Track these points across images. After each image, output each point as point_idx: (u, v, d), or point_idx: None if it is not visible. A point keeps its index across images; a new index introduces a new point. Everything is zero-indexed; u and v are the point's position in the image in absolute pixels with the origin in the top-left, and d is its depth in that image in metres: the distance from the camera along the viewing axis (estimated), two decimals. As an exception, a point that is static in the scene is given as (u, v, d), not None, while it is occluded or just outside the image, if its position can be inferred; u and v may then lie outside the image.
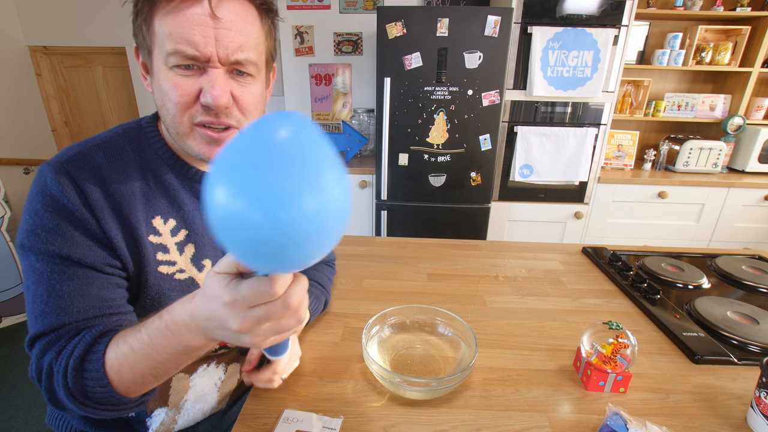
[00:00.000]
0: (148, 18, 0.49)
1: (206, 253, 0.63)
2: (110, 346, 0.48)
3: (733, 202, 2.26)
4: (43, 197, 0.51)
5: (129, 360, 0.46)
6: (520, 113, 2.13)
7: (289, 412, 0.58)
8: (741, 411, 0.61)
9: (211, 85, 0.50)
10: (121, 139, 0.58)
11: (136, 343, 0.46)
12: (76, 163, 0.53)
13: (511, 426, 0.57)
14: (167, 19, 0.48)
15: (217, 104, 0.50)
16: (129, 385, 0.48)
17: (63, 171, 0.51)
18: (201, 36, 0.48)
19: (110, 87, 2.79)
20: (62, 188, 0.50)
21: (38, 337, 0.50)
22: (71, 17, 2.57)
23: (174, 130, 0.54)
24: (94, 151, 0.55)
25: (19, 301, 2.23)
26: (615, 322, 0.64)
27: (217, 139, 0.54)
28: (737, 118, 2.36)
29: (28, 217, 0.51)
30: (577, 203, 2.28)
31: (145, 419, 0.66)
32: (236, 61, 0.51)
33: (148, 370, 0.47)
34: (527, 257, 1.14)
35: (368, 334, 0.68)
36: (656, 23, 2.41)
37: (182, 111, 0.52)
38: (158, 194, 0.58)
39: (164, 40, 0.49)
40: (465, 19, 1.86)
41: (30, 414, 1.62)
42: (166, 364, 0.47)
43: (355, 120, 2.60)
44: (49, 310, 0.50)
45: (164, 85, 0.51)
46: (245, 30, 0.51)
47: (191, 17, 0.47)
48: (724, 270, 1.04)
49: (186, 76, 0.50)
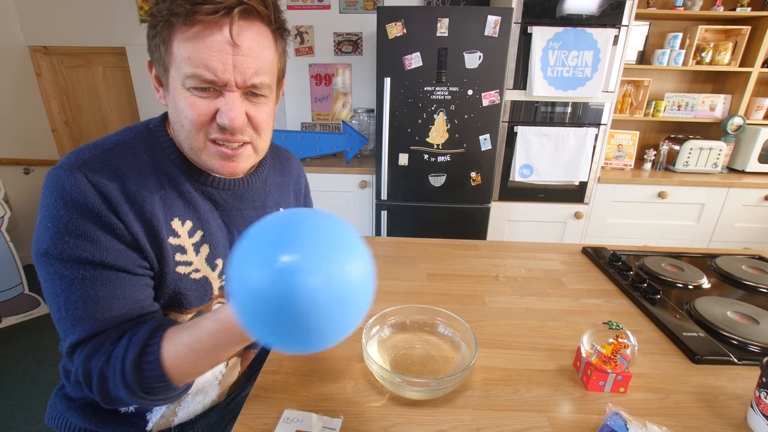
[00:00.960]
0: (167, 40, 0.50)
1: (219, 253, 0.65)
2: (165, 346, 0.50)
3: (733, 202, 2.26)
4: (64, 203, 0.50)
5: (189, 359, 0.50)
6: (520, 113, 2.13)
7: (289, 412, 0.58)
8: (741, 411, 0.61)
9: (228, 108, 0.52)
10: (133, 142, 0.58)
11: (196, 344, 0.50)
12: (93, 166, 0.52)
13: (511, 426, 0.57)
14: (187, 44, 0.49)
15: (233, 126, 0.53)
16: (186, 377, 0.52)
17: (82, 175, 0.51)
18: (220, 63, 0.49)
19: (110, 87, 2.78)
20: (84, 192, 0.50)
21: (80, 343, 0.51)
22: (71, 17, 2.57)
23: (188, 145, 0.56)
24: (109, 154, 0.55)
25: (19, 301, 2.23)
26: (615, 322, 0.64)
27: (232, 155, 0.56)
28: (737, 118, 2.36)
29: (51, 225, 0.50)
30: (577, 203, 2.28)
31: (145, 413, 0.66)
32: (252, 85, 0.53)
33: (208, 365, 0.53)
34: (527, 257, 1.14)
35: (368, 334, 0.68)
36: (656, 23, 2.41)
37: (198, 129, 0.54)
38: (174, 196, 0.60)
39: (183, 63, 0.50)
40: (465, 19, 1.86)
41: (30, 414, 1.62)
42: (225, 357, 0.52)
43: (355, 120, 2.60)
44: (86, 317, 0.51)
45: (181, 104, 0.53)
46: (261, 55, 0.53)
47: (211, 44, 0.48)
48: (724, 270, 1.04)
49: (203, 98, 0.52)
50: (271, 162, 0.77)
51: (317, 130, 2.70)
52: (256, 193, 0.71)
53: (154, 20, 0.51)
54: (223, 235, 0.65)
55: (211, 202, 0.64)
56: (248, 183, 0.69)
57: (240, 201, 0.68)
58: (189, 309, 0.63)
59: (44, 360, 1.95)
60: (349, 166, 2.31)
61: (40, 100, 2.74)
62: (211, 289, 0.65)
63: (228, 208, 0.66)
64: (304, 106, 2.70)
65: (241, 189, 0.68)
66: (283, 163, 0.81)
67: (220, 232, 0.65)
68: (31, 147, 2.71)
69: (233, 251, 0.39)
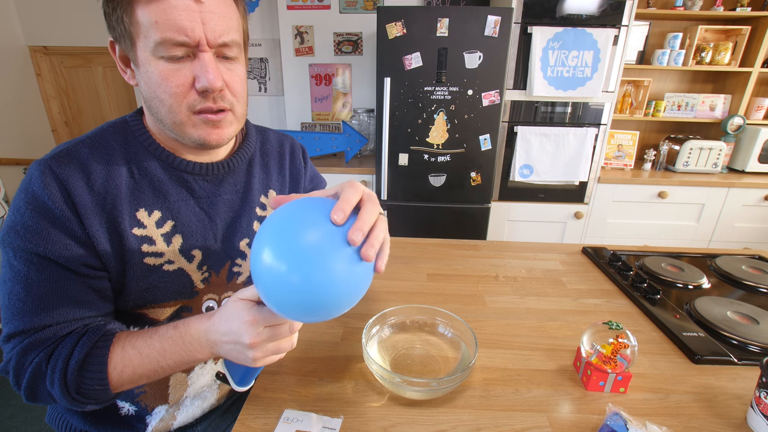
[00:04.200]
0: (129, 9, 0.49)
1: (195, 244, 0.62)
2: (114, 350, 0.52)
3: (733, 202, 2.26)
4: (26, 195, 0.51)
5: (134, 362, 0.52)
6: (520, 113, 2.13)
7: (289, 412, 0.58)
8: (741, 411, 0.61)
9: (205, 69, 0.50)
10: (107, 134, 0.59)
11: (146, 348, 0.52)
12: (61, 159, 0.53)
13: (511, 426, 0.57)
14: (151, 7, 0.48)
15: (213, 87, 0.51)
16: (124, 384, 0.53)
17: (48, 168, 0.52)
18: (188, 21, 0.48)
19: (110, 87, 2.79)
20: (45, 186, 0.51)
21: (17, 334, 0.52)
22: (71, 17, 2.57)
23: (171, 120, 0.54)
24: (80, 147, 0.56)
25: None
26: (615, 322, 0.64)
27: (216, 120, 0.55)
28: (737, 118, 2.36)
29: (11, 214, 0.51)
30: (577, 203, 2.28)
31: (145, 417, 0.66)
32: (223, 44, 0.52)
33: (149, 373, 0.53)
34: (527, 257, 1.14)
35: (368, 334, 0.68)
36: (656, 23, 2.41)
37: (179, 100, 0.52)
38: (144, 187, 0.59)
39: (150, 29, 0.48)
40: (465, 19, 1.86)
41: (30, 414, 1.62)
42: (167, 369, 0.53)
43: (355, 120, 2.60)
44: (27, 310, 0.51)
45: (155, 76, 0.51)
46: (227, 12, 0.52)
47: (176, 3, 0.47)
48: (724, 270, 1.04)
49: (177, 67, 0.51)
50: (257, 143, 0.74)
51: (317, 130, 2.70)
52: (238, 176, 0.68)
53: None
54: (201, 225, 0.63)
55: (187, 189, 0.62)
56: (229, 166, 0.66)
57: (219, 185, 0.65)
58: (167, 302, 0.62)
59: (44, 360, 1.95)
60: (349, 166, 2.31)
61: (40, 100, 2.74)
62: (190, 281, 0.62)
63: (206, 194, 0.64)
64: (304, 106, 2.70)
65: (222, 173, 0.65)
66: (272, 141, 0.77)
67: (197, 221, 0.62)
68: (31, 147, 2.71)
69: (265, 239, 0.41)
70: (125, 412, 0.65)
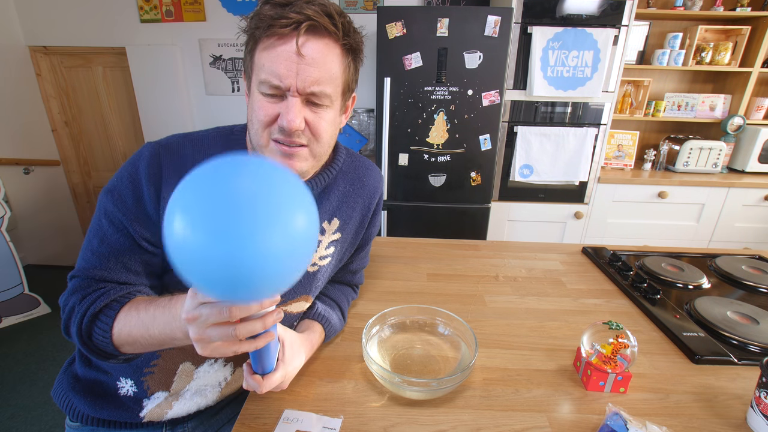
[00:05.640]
0: (253, 51, 0.59)
1: None
2: (124, 309, 0.57)
3: (733, 202, 2.26)
4: (131, 167, 0.61)
5: (131, 323, 0.55)
6: (520, 113, 2.13)
7: (289, 412, 0.58)
8: (741, 411, 0.61)
9: (287, 111, 0.58)
10: (213, 138, 0.67)
11: (143, 312, 0.55)
12: (169, 148, 0.63)
13: (511, 426, 0.57)
14: (264, 53, 0.57)
15: (290, 128, 0.58)
16: (123, 344, 0.57)
17: (156, 151, 0.62)
18: (285, 69, 0.56)
19: (110, 87, 2.78)
20: (148, 167, 0.61)
21: (76, 276, 0.61)
22: (71, 17, 2.56)
23: (255, 141, 0.63)
24: (187, 142, 0.65)
25: (19, 301, 2.24)
26: (615, 322, 0.64)
27: (290, 153, 0.62)
28: (737, 118, 2.36)
29: (116, 178, 0.61)
30: (577, 203, 2.28)
31: (143, 399, 0.69)
32: (312, 93, 0.58)
33: (140, 338, 0.55)
34: (527, 257, 1.14)
35: (368, 334, 0.68)
36: (656, 23, 2.41)
37: (263, 128, 0.60)
38: None
39: (260, 69, 0.58)
40: (465, 19, 1.86)
41: (30, 414, 1.63)
42: (153, 340, 0.54)
43: (355, 120, 2.60)
44: (91, 257, 0.61)
45: (254, 105, 0.61)
46: (324, 66, 0.58)
47: (281, 53, 0.56)
48: (724, 270, 1.04)
49: (270, 102, 0.59)
50: (344, 170, 0.76)
51: (317, 130, 2.70)
52: None
53: (246, 35, 0.60)
54: None
55: None
56: None
57: None
58: None
59: (44, 360, 1.95)
60: (349, 166, 2.31)
61: (40, 100, 2.74)
62: None
63: None
64: (304, 106, 2.70)
65: None
66: (359, 172, 0.79)
67: None
68: (31, 147, 2.71)
69: None
70: (124, 392, 0.68)
